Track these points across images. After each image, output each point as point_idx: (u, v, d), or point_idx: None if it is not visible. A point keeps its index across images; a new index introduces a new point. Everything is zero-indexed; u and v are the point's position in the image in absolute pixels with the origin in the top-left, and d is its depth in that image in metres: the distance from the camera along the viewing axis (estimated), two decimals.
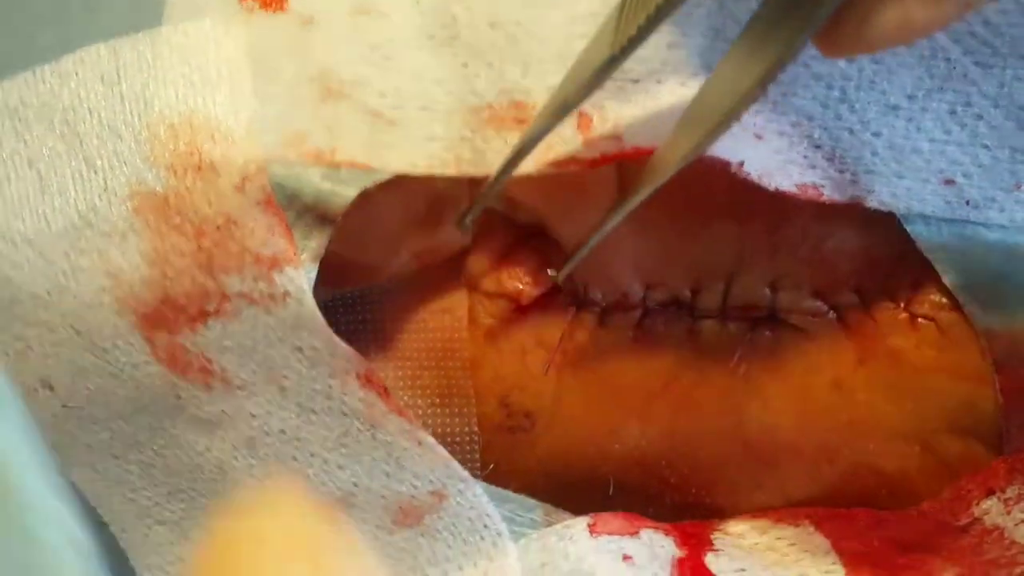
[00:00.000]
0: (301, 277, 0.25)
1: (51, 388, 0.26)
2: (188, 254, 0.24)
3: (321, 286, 0.25)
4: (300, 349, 0.25)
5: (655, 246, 0.28)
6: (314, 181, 0.25)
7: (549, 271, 0.28)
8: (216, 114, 0.24)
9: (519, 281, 0.29)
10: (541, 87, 0.25)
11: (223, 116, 0.24)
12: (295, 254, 0.25)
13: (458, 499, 0.26)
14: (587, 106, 0.24)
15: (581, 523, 0.27)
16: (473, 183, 0.27)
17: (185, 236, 0.24)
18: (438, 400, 0.30)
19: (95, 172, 0.25)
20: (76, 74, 0.25)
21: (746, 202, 0.27)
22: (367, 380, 0.26)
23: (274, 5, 0.25)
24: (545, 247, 0.29)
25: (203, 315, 0.25)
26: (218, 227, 0.24)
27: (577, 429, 0.30)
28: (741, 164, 0.25)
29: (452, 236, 0.29)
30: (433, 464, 0.26)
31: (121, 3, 0.28)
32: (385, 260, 0.29)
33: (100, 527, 0.29)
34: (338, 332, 0.25)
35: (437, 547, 0.27)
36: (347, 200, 0.25)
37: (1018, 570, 0.25)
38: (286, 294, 0.25)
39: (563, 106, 0.22)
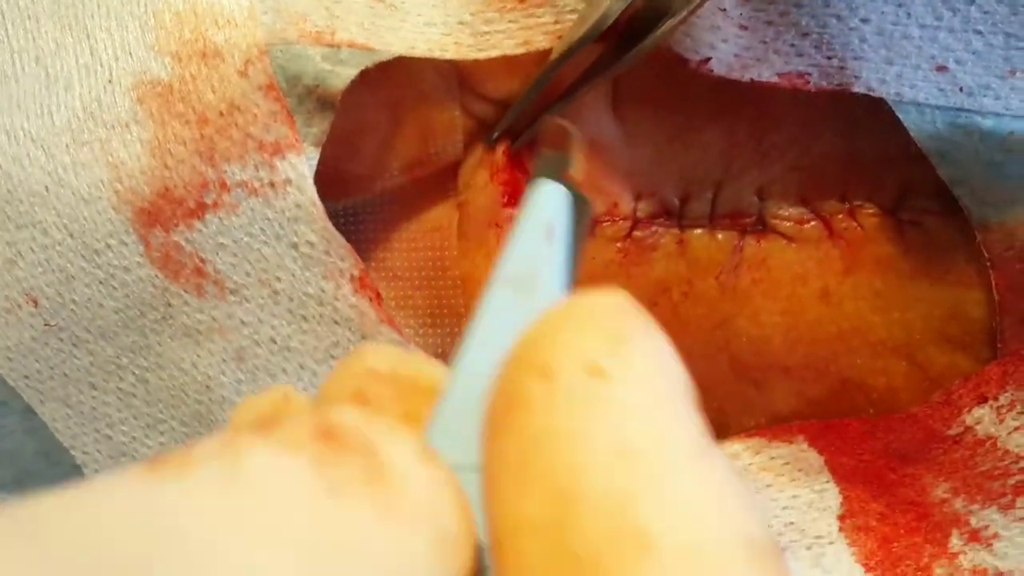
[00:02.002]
0: (303, 163, 0.24)
1: (35, 303, 0.25)
2: (190, 142, 0.24)
3: None
4: (295, 246, 0.25)
5: (645, 153, 0.27)
6: (314, 61, 0.24)
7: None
8: None
9: (497, 160, 0.28)
10: None
11: (226, 1, 0.24)
12: (297, 140, 0.24)
13: None
14: None
15: None
16: (462, 89, 0.27)
17: (188, 124, 0.24)
18: (429, 320, 0.29)
19: (100, 65, 0.24)
20: None
21: (733, 108, 0.27)
22: (361, 284, 0.25)
23: None
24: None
25: (201, 208, 0.24)
26: (221, 113, 0.24)
27: None
28: (705, 61, 0.24)
29: (441, 148, 0.28)
30: None
31: None
32: (376, 170, 0.28)
33: None
34: None
35: None
36: (346, 79, 0.24)
37: (1012, 481, 0.24)
38: (287, 181, 0.24)
39: (568, 52, 0.23)
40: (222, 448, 0.10)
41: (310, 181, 0.24)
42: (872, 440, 0.26)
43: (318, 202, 0.24)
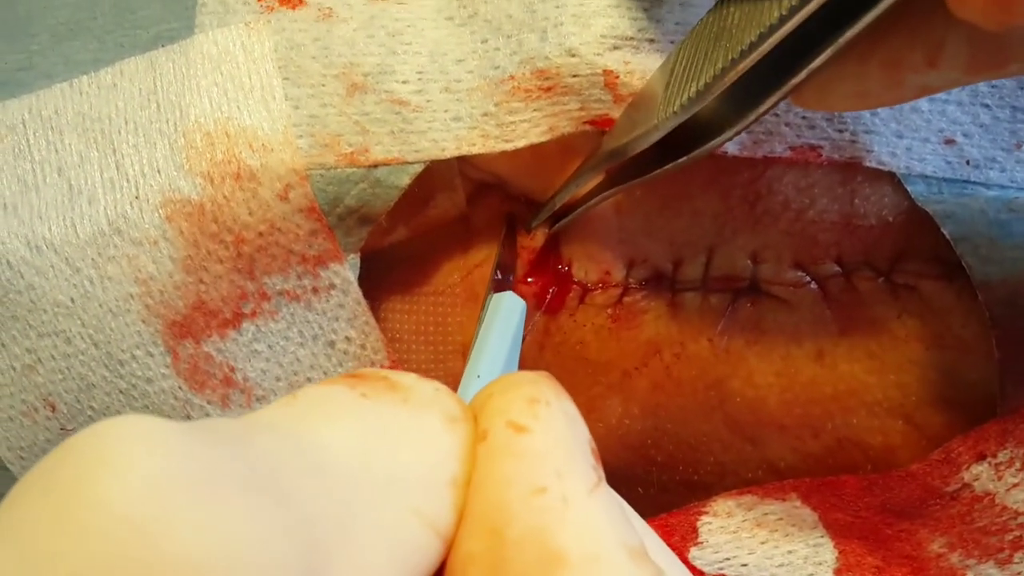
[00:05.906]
0: (346, 270, 0.22)
1: (52, 408, 0.22)
2: (226, 260, 0.21)
3: None
4: (332, 344, 0.22)
5: (637, 221, 0.24)
6: (355, 184, 0.22)
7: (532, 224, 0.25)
8: (251, 122, 0.21)
9: (535, 243, 0.25)
10: (559, 51, 0.21)
11: (258, 124, 0.21)
12: (339, 252, 0.22)
13: None
14: (611, 63, 0.21)
15: None
16: (463, 159, 0.24)
17: (223, 244, 0.21)
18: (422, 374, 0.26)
19: (127, 180, 0.21)
20: (115, 85, 0.22)
21: (728, 174, 0.23)
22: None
23: (293, 1, 0.22)
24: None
25: (238, 318, 0.22)
26: (260, 234, 0.21)
27: None
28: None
29: (443, 209, 0.25)
30: None
31: (154, 13, 0.24)
32: (382, 235, 0.25)
33: None
34: None
35: None
36: (388, 201, 0.22)
37: (1009, 536, 0.21)
38: (331, 286, 0.22)
39: (615, 153, 0.20)
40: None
41: (355, 285, 0.22)
42: (868, 497, 0.24)
43: (362, 301, 0.22)
